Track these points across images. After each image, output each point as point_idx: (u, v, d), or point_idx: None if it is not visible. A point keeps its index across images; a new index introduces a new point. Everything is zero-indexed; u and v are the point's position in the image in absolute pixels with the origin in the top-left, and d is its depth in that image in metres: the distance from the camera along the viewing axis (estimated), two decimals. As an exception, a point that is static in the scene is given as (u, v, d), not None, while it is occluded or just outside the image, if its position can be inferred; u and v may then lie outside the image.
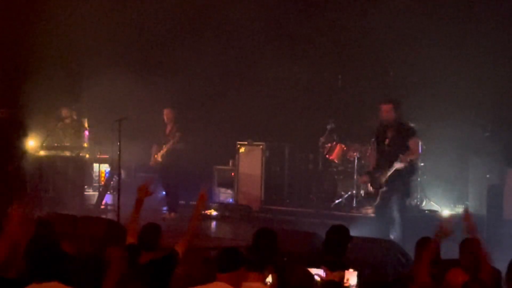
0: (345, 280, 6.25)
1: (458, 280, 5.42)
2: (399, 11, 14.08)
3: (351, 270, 6.26)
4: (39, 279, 5.18)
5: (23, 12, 15.23)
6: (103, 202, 14.98)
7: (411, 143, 10.48)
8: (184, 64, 15.21)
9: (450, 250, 6.82)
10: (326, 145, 14.06)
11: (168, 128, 13.86)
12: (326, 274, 6.16)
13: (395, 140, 10.57)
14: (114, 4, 15.63)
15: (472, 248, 6.43)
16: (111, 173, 15.26)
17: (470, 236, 6.08)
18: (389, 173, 10.47)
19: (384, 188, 10.59)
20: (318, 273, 6.19)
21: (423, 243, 6.65)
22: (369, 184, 10.97)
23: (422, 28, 13.73)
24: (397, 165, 10.35)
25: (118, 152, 11.99)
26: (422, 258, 5.95)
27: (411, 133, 10.59)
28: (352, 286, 6.35)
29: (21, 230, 5.81)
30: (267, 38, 15.74)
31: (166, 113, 13.86)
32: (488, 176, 12.34)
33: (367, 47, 14.62)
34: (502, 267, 6.75)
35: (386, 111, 10.64)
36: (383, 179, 10.58)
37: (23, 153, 13.34)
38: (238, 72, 15.78)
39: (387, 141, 10.70)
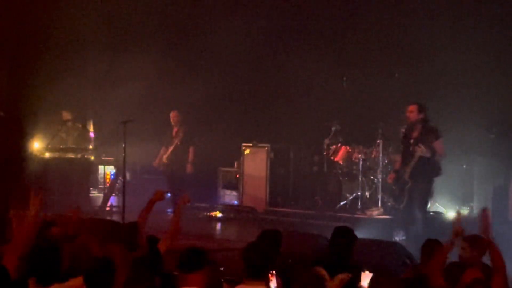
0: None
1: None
2: (404, 14, 14.09)
3: (367, 272, 6.25)
4: (43, 281, 5.20)
5: (27, 14, 15.24)
6: (108, 204, 15.00)
7: (436, 144, 10.76)
8: (190, 66, 15.24)
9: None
10: (331, 147, 14.05)
11: (175, 130, 13.93)
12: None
13: (419, 140, 10.83)
14: (119, 7, 15.65)
15: (481, 246, 6.43)
16: (116, 175, 15.27)
17: (483, 236, 6.07)
18: (413, 163, 10.75)
19: (409, 184, 10.72)
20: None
21: (429, 245, 6.63)
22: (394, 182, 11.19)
23: (427, 30, 13.72)
24: (419, 151, 10.67)
25: (123, 154, 12.01)
26: (436, 260, 5.93)
27: (435, 134, 10.83)
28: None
29: (23, 233, 5.82)
30: (271, 41, 15.75)
31: (173, 116, 13.95)
32: (493, 177, 12.32)
33: (371, 49, 14.61)
34: (508, 268, 6.73)
35: (410, 111, 11.06)
36: (407, 173, 10.76)
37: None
38: (243, 75, 15.79)
39: (411, 141, 10.90)
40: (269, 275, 5.86)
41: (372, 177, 13.57)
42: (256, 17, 15.23)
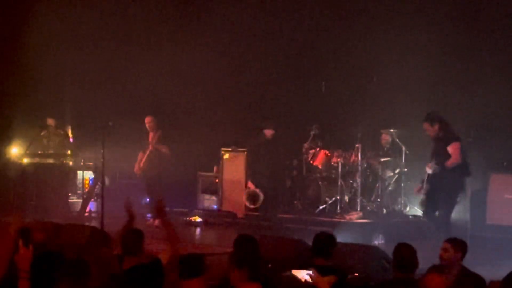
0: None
1: (436, 283, 5.48)
2: (381, 20, 14.17)
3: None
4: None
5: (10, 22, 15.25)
6: (87, 209, 14.93)
7: (449, 148, 10.87)
8: (167, 70, 15.21)
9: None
10: (310, 151, 14.05)
11: (151, 135, 13.87)
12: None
13: (436, 151, 11.00)
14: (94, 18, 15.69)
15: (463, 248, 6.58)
16: (95, 180, 15.21)
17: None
18: (425, 179, 11.01)
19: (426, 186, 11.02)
20: (308, 273, 6.14)
21: (400, 249, 6.64)
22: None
23: (406, 34, 13.77)
24: (427, 169, 10.94)
25: (102, 160, 11.96)
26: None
27: (450, 139, 10.94)
28: None
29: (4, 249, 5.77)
30: (251, 45, 15.77)
31: (148, 121, 13.88)
32: (470, 181, 12.37)
33: (350, 53, 14.67)
34: (485, 271, 6.78)
35: (426, 129, 11.08)
36: (425, 190, 11.06)
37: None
38: (221, 78, 15.78)
39: (432, 154, 11.08)
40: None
41: (351, 181, 13.60)
42: (241, 17, 15.27)
